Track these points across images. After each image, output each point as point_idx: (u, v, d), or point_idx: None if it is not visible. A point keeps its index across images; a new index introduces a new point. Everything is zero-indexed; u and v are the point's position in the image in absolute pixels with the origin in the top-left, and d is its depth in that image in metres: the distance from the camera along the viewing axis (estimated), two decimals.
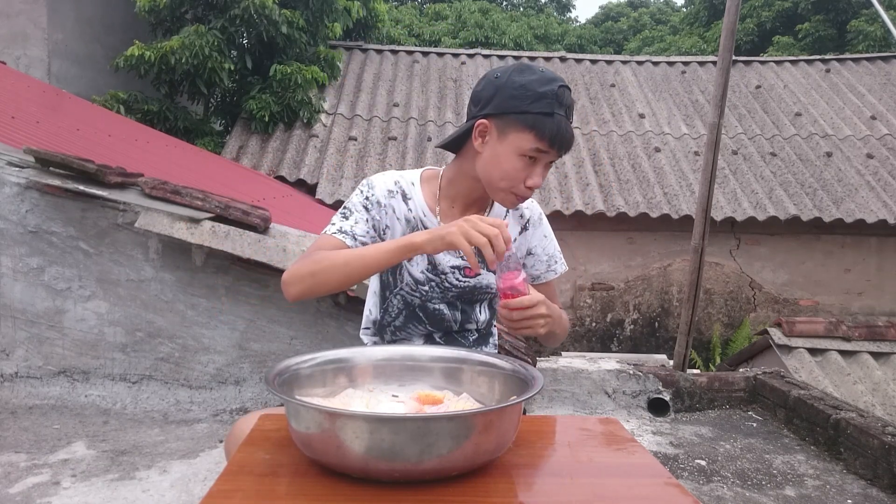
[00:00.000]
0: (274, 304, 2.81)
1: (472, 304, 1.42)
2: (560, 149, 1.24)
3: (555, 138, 1.21)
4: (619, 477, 0.92)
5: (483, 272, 1.38)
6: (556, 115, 1.21)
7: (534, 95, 1.21)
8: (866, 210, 7.03)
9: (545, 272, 1.45)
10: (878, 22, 13.36)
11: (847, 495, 2.42)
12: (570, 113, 1.25)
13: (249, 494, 0.84)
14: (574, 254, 7.20)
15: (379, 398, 1.03)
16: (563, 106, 1.23)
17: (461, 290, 1.38)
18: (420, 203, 1.37)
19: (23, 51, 6.72)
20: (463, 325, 1.43)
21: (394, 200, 1.36)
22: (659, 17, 23.72)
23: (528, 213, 1.44)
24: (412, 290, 1.39)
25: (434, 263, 1.37)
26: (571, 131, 1.25)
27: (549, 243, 1.46)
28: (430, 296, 1.39)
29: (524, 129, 1.22)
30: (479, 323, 1.45)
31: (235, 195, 3.35)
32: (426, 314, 1.40)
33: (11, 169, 2.69)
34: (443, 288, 1.38)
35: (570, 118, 1.25)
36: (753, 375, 3.45)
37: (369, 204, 1.34)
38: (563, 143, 1.23)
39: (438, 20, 18.19)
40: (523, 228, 1.43)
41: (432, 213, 1.37)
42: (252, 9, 6.94)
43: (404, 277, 1.39)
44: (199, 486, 2.09)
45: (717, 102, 3.55)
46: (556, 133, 1.21)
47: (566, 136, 1.23)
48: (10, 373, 2.73)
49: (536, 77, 1.23)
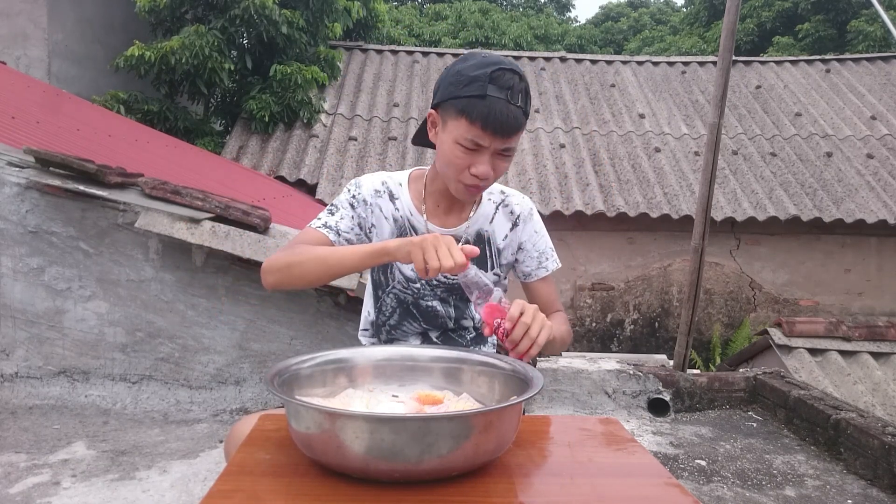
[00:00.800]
0: (274, 304, 2.81)
1: (465, 300, 1.42)
2: (495, 132, 1.16)
3: (486, 121, 1.15)
4: (619, 477, 0.92)
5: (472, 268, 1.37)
6: (488, 98, 1.15)
7: (466, 80, 1.17)
8: (866, 210, 7.03)
9: (536, 269, 1.42)
10: (878, 22, 13.36)
11: (847, 495, 2.42)
12: (515, 96, 1.17)
13: (249, 494, 0.84)
14: (574, 254, 7.20)
15: (379, 398, 1.03)
16: (502, 88, 1.15)
17: (449, 285, 1.38)
18: (407, 203, 1.37)
19: (23, 51, 6.72)
20: (458, 321, 1.43)
21: (380, 200, 1.36)
22: (659, 18, 23.72)
23: (519, 209, 1.41)
24: (404, 287, 1.39)
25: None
26: (511, 113, 1.16)
27: (539, 239, 1.42)
28: (423, 293, 1.39)
29: (457, 114, 1.18)
30: (476, 320, 1.45)
31: (235, 195, 3.35)
32: (420, 311, 1.40)
33: (11, 169, 2.69)
34: (432, 285, 1.38)
35: (514, 101, 1.16)
36: (753, 375, 3.45)
37: (355, 202, 1.36)
38: (498, 126, 1.15)
39: (438, 20, 18.20)
40: (514, 224, 1.41)
41: (419, 213, 1.36)
42: (252, 9, 6.94)
43: (395, 275, 1.40)
44: (199, 486, 2.09)
45: (717, 102, 3.55)
46: (486, 116, 1.15)
47: (500, 119, 1.15)
48: (10, 373, 2.73)
49: (474, 62, 1.19)
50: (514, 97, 1.17)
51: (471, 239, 1.38)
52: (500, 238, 1.40)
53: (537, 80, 9.07)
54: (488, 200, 1.40)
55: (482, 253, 1.38)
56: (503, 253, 1.41)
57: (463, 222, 1.37)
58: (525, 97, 1.19)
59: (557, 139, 7.86)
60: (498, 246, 1.40)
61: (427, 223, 1.36)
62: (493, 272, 1.40)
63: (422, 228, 1.36)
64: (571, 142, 7.87)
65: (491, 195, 1.41)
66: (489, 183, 1.25)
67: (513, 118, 1.17)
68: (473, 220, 1.38)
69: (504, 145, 1.19)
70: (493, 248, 1.40)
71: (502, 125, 1.16)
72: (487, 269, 1.39)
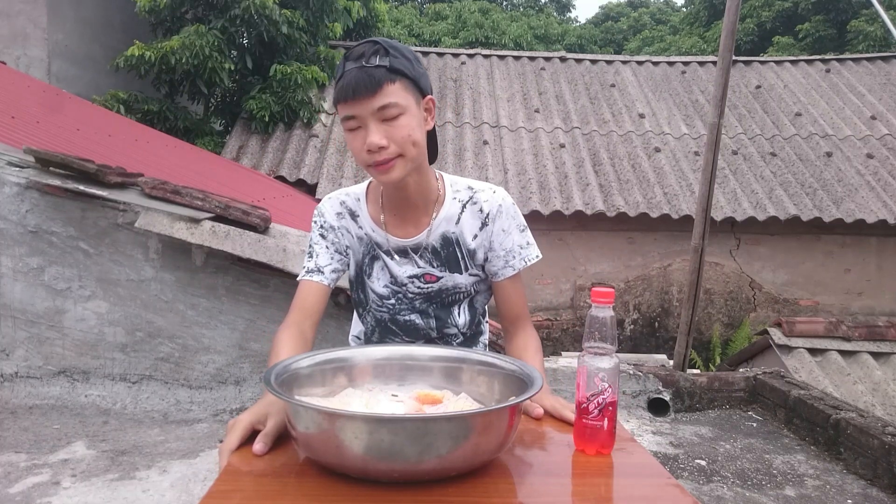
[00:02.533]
0: (274, 304, 2.81)
1: (445, 309, 1.36)
2: (354, 95, 1.13)
3: (343, 90, 1.14)
4: (619, 477, 0.92)
5: (445, 274, 1.32)
6: (345, 73, 1.15)
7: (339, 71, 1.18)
8: (866, 210, 7.02)
9: (502, 268, 1.34)
10: (878, 22, 13.36)
11: (847, 495, 2.42)
12: (369, 58, 1.14)
13: (249, 494, 0.84)
14: (574, 254, 7.20)
15: (378, 398, 1.03)
16: (355, 58, 1.15)
17: (426, 294, 1.34)
18: (366, 220, 1.33)
19: (23, 51, 6.72)
20: (441, 330, 1.38)
21: (344, 221, 1.34)
22: (659, 17, 23.73)
23: (488, 207, 1.32)
24: (378, 305, 1.37)
25: (394, 277, 1.34)
26: (365, 73, 1.13)
27: (506, 238, 1.33)
28: (399, 308, 1.36)
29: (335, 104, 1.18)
30: (461, 326, 1.39)
31: (235, 195, 3.35)
32: (398, 326, 1.37)
33: (11, 169, 2.69)
34: (408, 297, 1.35)
35: (369, 63, 1.13)
36: (753, 375, 3.45)
37: (324, 231, 1.34)
38: (352, 89, 1.13)
39: (438, 20, 18.20)
40: (483, 224, 1.33)
41: (379, 227, 1.32)
42: (252, 9, 6.94)
43: (369, 295, 1.37)
44: (199, 486, 2.09)
45: (717, 102, 3.55)
46: (342, 86, 1.14)
47: (353, 81, 1.13)
48: (10, 373, 2.72)
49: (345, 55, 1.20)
50: (370, 60, 1.14)
51: (437, 244, 1.32)
52: (469, 238, 1.32)
53: (537, 79, 9.07)
54: (453, 199, 1.32)
55: (453, 256, 1.32)
56: (476, 254, 1.33)
57: (423, 230, 1.31)
58: (384, 55, 1.15)
59: (557, 139, 7.86)
60: (469, 247, 1.33)
61: (388, 236, 1.31)
62: (468, 273, 1.34)
63: (383, 243, 1.32)
64: (571, 142, 7.87)
65: (457, 193, 1.33)
66: (392, 153, 1.16)
67: (367, 76, 1.12)
68: (435, 225, 1.31)
69: (376, 106, 1.13)
70: (464, 249, 1.33)
71: (356, 87, 1.12)
72: (462, 271, 1.33)
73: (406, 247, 1.32)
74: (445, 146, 7.43)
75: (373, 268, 1.35)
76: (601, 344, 0.95)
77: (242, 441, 0.96)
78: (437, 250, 1.32)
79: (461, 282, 1.34)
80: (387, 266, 1.34)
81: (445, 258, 1.33)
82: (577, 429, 0.98)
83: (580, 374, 0.97)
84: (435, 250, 1.32)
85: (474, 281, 1.36)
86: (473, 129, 7.89)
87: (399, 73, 1.15)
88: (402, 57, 1.17)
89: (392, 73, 1.14)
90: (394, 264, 1.33)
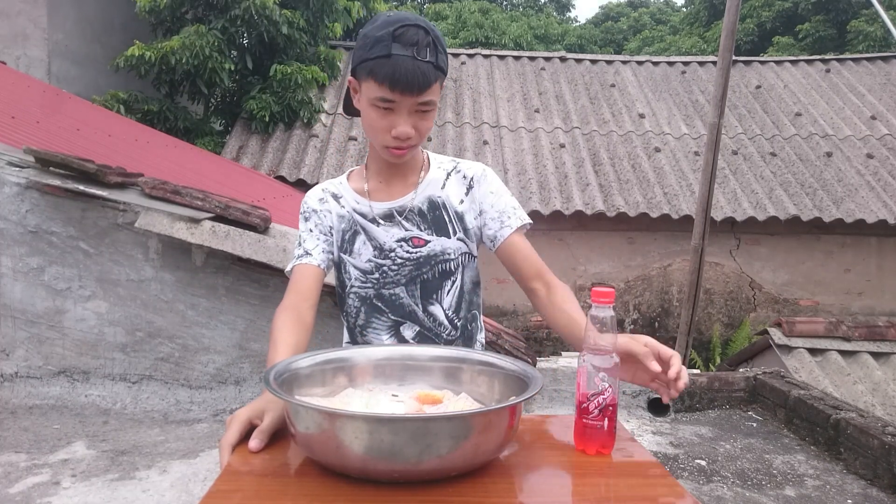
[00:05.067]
0: (274, 303, 2.80)
1: (430, 283, 1.33)
2: (404, 89, 1.14)
3: (394, 80, 1.14)
4: (620, 477, 0.92)
5: (433, 238, 1.31)
6: (393, 56, 1.13)
7: (372, 41, 1.16)
8: (866, 210, 7.03)
9: (500, 229, 1.33)
10: (878, 22, 13.36)
11: (847, 495, 2.42)
12: (421, 51, 1.15)
13: (249, 494, 0.84)
14: (574, 254, 7.20)
15: (378, 398, 1.03)
16: (407, 45, 1.14)
17: (416, 260, 1.32)
18: (350, 195, 1.36)
19: (23, 51, 6.72)
20: (426, 308, 1.34)
21: (326, 205, 1.36)
22: (659, 17, 23.73)
23: (471, 172, 1.36)
24: (362, 282, 1.35)
25: (380, 247, 1.33)
26: (419, 68, 1.14)
27: (497, 199, 1.34)
28: (383, 282, 1.34)
29: (367, 77, 1.17)
30: (446, 308, 1.35)
31: (235, 195, 3.35)
32: (383, 302, 1.34)
33: (11, 169, 2.69)
34: (397, 265, 1.33)
35: (420, 56, 1.14)
36: (753, 375, 3.45)
37: (307, 216, 1.36)
38: (404, 83, 1.14)
39: (438, 20, 18.19)
40: (468, 188, 1.35)
41: (363, 196, 1.34)
42: (252, 9, 6.94)
43: (350, 273, 1.36)
44: (199, 486, 2.09)
45: (717, 102, 3.55)
46: (391, 74, 1.13)
47: (406, 75, 1.13)
48: (10, 373, 2.72)
49: (379, 23, 1.17)
50: (421, 52, 1.15)
51: (423, 207, 1.33)
52: (455, 202, 1.34)
53: (537, 79, 9.07)
54: (438, 168, 1.36)
55: (440, 219, 1.33)
56: (465, 217, 1.34)
57: (409, 192, 1.33)
58: (434, 50, 1.17)
59: (557, 139, 7.86)
60: (456, 209, 1.34)
61: (371, 203, 1.33)
62: (456, 238, 1.33)
63: (367, 211, 1.33)
64: (571, 142, 7.87)
65: (441, 164, 1.37)
66: (413, 142, 1.22)
67: (420, 73, 1.14)
68: (422, 188, 1.33)
69: (419, 101, 1.17)
70: (451, 211, 1.33)
71: (409, 82, 1.14)
72: (450, 235, 1.33)
73: (392, 209, 1.32)
74: (445, 146, 7.43)
75: (354, 243, 1.34)
76: (601, 344, 0.95)
77: (241, 436, 0.97)
78: (423, 212, 1.32)
79: (449, 246, 1.32)
80: (371, 237, 1.33)
81: (432, 221, 1.33)
82: (577, 429, 0.98)
83: (580, 374, 0.97)
84: (422, 212, 1.32)
85: (462, 248, 1.34)
86: (473, 129, 7.89)
87: (441, 71, 1.20)
88: (443, 51, 1.21)
89: (437, 70, 1.19)
90: (380, 231, 1.32)
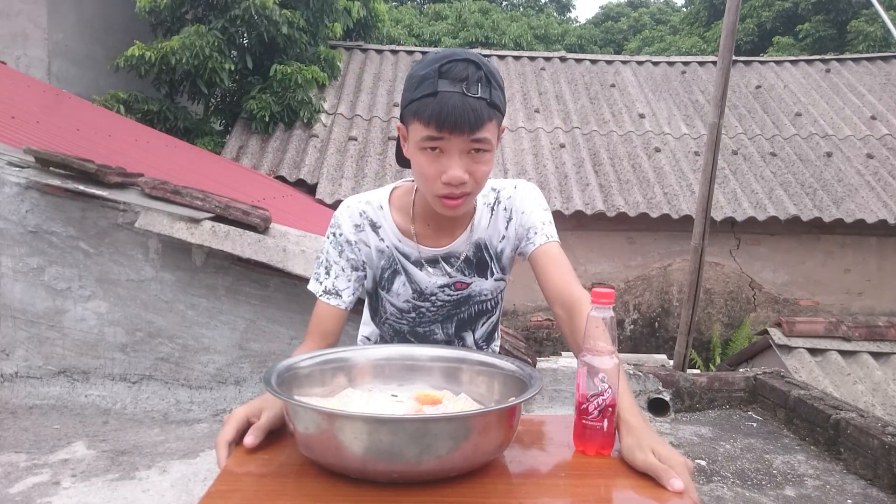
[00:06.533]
0: (274, 304, 2.81)
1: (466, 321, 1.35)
2: (453, 127, 1.05)
3: (440, 118, 1.05)
4: (620, 477, 0.92)
5: (474, 279, 1.30)
6: (439, 94, 1.05)
7: (417, 81, 1.08)
8: (866, 210, 7.02)
9: (525, 246, 1.29)
10: (878, 22, 13.36)
11: (847, 495, 2.42)
12: (472, 87, 1.06)
13: (248, 494, 0.84)
14: (574, 254, 7.20)
15: (378, 398, 1.03)
16: (455, 80, 1.05)
17: (456, 300, 1.32)
18: (391, 229, 1.26)
19: (23, 51, 6.72)
20: (459, 336, 1.38)
21: (362, 234, 1.27)
22: (659, 17, 23.73)
23: (511, 201, 1.29)
24: (398, 318, 1.34)
25: (420, 291, 1.29)
26: (469, 105, 1.05)
27: (527, 217, 1.28)
28: (419, 321, 1.33)
29: (413, 119, 1.09)
30: (478, 338, 1.39)
31: (235, 195, 3.35)
32: (417, 337, 1.35)
33: (11, 169, 2.69)
34: (436, 307, 1.31)
35: (471, 92, 1.06)
36: (753, 375, 3.45)
37: (341, 246, 1.27)
38: (453, 122, 1.04)
39: (438, 20, 18.19)
40: (508, 220, 1.30)
41: (408, 238, 1.26)
42: (252, 9, 6.94)
43: (386, 308, 1.33)
44: (199, 486, 2.09)
45: (717, 102, 3.55)
46: (437, 112, 1.04)
47: (455, 112, 1.04)
48: (10, 373, 2.72)
49: (426, 61, 1.10)
50: (472, 88, 1.06)
51: (470, 253, 1.29)
52: (496, 240, 1.30)
53: (537, 79, 9.07)
54: (484, 205, 1.29)
55: (482, 261, 1.30)
56: (504, 253, 1.31)
57: (456, 238, 1.27)
58: (486, 86, 1.07)
59: (557, 139, 7.86)
60: (496, 249, 1.30)
61: (419, 247, 1.26)
62: (493, 279, 1.32)
63: (413, 253, 1.27)
64: (571, 142, 7.87)
65: (485, 197, 1.29)
66: (468, 189, 1.11)
67: (471, 110, 1.05)
68: (474, 235, 1.28)
69: (470, 140, 1.07)
70: (492, 251, 1.30)
71: (458, 119, 1.05)
72: (487, 277, 1.31)
73: (438, 256, 1.28)
74: None
75: (393, 282, 1.29)
76: (601, 344, 0.95)
77: (237, 433, 0.96)
78: (469, 259, 1.29)
79: (486, 287, 1.32)
80: (412, 280, 1.29)
81: (476, 264, 1.30)
82: (576, 429, 0.98)
83: (580, 375, 0.97)
84: (468, 258, 1.29)
85: (499, 287, 1.34)
86: None
87: (497, 109, 1.10)
88: (498, 87, 1.11)
89: (492, 107, 1.09)
90: (422, 275, 1.28)
